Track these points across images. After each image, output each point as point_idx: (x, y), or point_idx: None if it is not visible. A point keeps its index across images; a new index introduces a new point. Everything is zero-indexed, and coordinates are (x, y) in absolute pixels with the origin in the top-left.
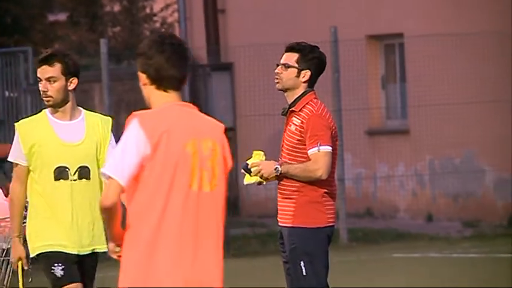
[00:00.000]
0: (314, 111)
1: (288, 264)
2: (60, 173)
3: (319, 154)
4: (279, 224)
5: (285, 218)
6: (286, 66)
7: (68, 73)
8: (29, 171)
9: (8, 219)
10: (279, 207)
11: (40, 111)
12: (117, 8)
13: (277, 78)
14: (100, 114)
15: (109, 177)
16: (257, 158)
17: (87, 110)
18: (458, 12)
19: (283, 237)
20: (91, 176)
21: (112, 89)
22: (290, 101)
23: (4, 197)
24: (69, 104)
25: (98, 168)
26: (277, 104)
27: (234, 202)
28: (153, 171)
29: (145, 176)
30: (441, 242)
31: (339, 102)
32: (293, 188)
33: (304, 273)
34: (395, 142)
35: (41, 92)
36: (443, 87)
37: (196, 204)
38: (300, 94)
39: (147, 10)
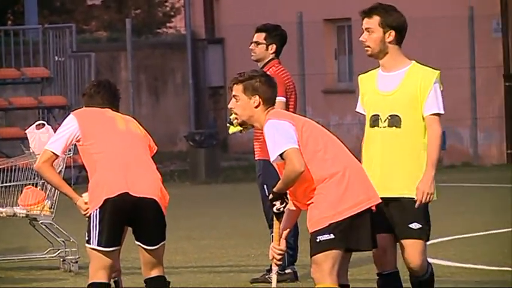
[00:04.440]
0: (273, 72)
1: None
2: (375, 121)
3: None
4: (255, 158)
5: (256, 153)
6: (257, 43)
7: (385, 26)
8: None
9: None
10: (254, 146)
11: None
12: None
13: (253, 53)
14: (429, 68)
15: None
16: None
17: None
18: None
19: None
20: (402, 125)
21: (134, 56)
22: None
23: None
24: (388, 56)
25: (414, 117)
26: (256, 68)
27: (224, 142)
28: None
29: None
30: None
31: (302, 68)
32: (259, 131)
33: (267, 194)
34: (344, 99)
35: (362, 43)
36: None
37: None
38: (266, 61)
39: None
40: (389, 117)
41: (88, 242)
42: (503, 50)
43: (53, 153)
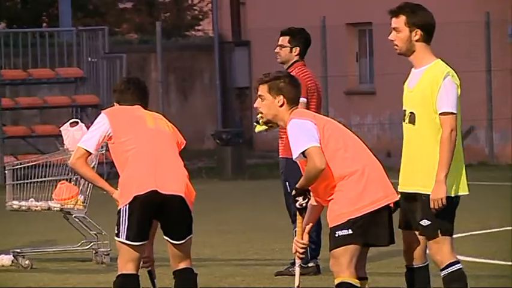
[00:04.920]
0: (296, 74)
1: None
2: (403, 116)
3: None
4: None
5: (280, 151)
6: (282, 46)
7: (411, 25)
8: None
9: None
10: (278, 144)
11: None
12: None
13: (278, 56)
14: (442, 67)
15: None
16: None
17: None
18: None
19: None
20: (416, 122)
21: (163, 57)
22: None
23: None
24: (415, 54)
25: (427, 115)
26: (281, 69)
27: (250, 141)
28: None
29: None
30: (396, 172)
31: (325, 70)
32: (284, 130)
33: (288, 191)
34: (365, 100)
35: (391, 42)
36: (399, 62)
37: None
38: (290, 63)
39: (189, 1)
40: (409, 114)
41: (117, 235)
42: None
43: (86, 150)
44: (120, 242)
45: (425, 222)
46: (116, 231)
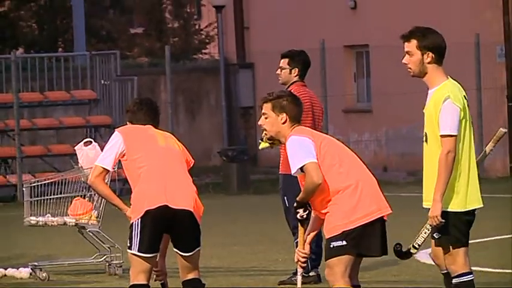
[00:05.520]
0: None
1: None
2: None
3: None
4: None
5: (280, 167)
6: (282, 68)
7: (422, 48)
8: None
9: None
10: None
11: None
12: (176, 25)
13: (279, 77)
14: (446, 88)
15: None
16: None
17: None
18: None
19: None
20: (428, 141)
21: (172, 79)
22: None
23: (101, 151)
24: (427, 75)
25: (435, 134)
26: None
27: (254, 157)
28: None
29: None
30: (393, 186)
31: (325, 90)
32: (283, 147)
33: (287, 205)
34: (363, 118)
35: (404, 65)
36: (395, 82)
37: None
38: (290, 84)
39: (196, 27)
40: (424, 133)
41: (129, 248)
42: (507, 73)
43: (104, 168)
44: (132, 254)
45: (437, 235)
46: (129, 244)
